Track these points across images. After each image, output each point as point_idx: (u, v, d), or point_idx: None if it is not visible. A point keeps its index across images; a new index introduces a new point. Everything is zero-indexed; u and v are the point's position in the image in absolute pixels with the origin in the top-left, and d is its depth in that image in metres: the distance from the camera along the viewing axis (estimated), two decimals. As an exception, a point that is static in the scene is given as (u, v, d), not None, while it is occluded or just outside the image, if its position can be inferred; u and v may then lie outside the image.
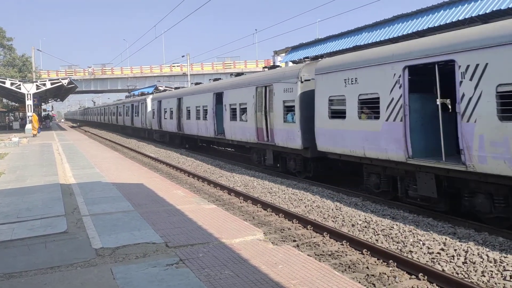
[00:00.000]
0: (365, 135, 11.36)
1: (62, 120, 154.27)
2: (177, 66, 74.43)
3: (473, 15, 15.73)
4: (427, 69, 10.16)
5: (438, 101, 10.06)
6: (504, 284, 6.39)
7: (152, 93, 39.41)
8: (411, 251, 7.82)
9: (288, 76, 15.12)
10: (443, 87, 9.61)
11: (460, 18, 16.49)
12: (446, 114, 9.99)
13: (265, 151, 17.49)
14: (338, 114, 12.50)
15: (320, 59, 14.67)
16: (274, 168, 17.26)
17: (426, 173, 9.87)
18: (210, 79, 30.53)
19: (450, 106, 12.04)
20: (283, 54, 35.29)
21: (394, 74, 10.29)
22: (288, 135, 15.07)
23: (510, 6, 14.71)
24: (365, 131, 11.39)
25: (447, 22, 17.16)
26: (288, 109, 15.11)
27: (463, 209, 9.44)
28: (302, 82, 14.41)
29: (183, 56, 58.84)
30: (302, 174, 15.49)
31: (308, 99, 14.16)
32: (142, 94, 43.23)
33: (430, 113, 10.32)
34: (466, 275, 6.78)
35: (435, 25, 17.77)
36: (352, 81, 11.84)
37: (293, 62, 29.03)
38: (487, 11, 15.39)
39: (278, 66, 20.76)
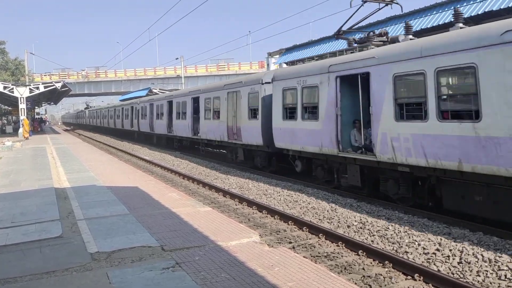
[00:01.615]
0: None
1: (59, 123, 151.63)
2: (171, 68, 74.35)
3: (465, 17, 15.83)
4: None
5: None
6: (499, 283, 6.43)
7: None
8: (406, 252, 7.85)
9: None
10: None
11: (452, 20, 16.62)
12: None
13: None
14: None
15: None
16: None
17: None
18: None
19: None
20: (277, 56, 35.34)
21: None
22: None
23: (502, 7, 14.84)
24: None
25: (440, 23, 17.28)
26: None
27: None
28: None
29: (177, 59, 58.75)
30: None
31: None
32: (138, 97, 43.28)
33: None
34: (462, 275, 6.81)
35: (428, 26, 17.88)
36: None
37: (287, 63, 29.08)
38: (479, 12, 15.51)
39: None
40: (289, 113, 14.64)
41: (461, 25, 9.73)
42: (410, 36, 11.34)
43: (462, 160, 8.68)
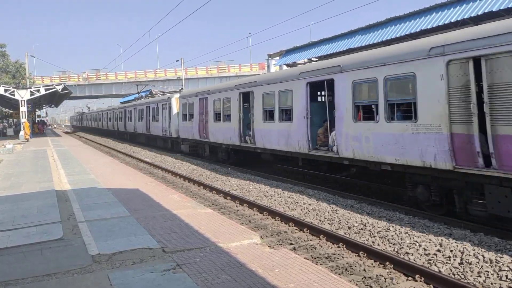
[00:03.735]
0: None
1: (63, 125, 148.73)
2: (171, 70, 74.38)
3: (465, 17, 15.83)
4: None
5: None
6: (500, 284, 6.43)
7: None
8: (407, 253, 7.84)
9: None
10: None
11: (452, 20, 16.60)
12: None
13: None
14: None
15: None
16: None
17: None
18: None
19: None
20: (277, 57, 35.33)
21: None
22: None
23: (501, 8, 14.84)
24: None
25: (440, 24, 17.26)
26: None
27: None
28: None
29: (177, 61, 58.75)
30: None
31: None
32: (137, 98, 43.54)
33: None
34: (463, 276, 6.81)
35: (428, 27, 17.87)
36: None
37: (287, 65, 29.08)
38: (479, 13, 15.49)
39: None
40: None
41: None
42: None
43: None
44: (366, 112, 11.65)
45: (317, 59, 23.92)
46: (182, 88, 38.04)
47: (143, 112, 36.04)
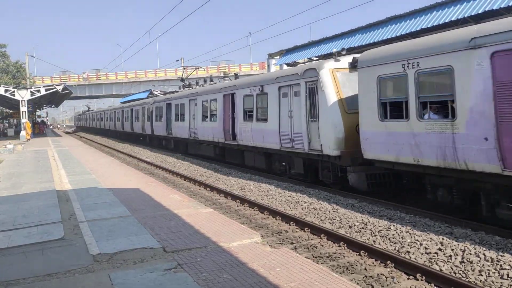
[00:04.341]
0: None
1: (64, 126, 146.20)
2: (172, 70, 74.37)
3: (465, 16, 15.81)
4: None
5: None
6: (501, 282, 6.42)
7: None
8: (408, 252, 7.84)
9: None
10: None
11: (452, 19, 16.58)
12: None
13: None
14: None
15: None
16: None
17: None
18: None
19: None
20: (278, 57, 35.32)
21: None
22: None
23: (502, 6, 14.81)
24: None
25: (440, 23, 17.24)
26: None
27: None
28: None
29: (177, 60, 58.84)
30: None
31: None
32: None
33: None
34: (464, 275, 6.80)
35: (428, 26, 17.85)
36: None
37: (288, 64, 29.04)
38: (480, 12, 15.46)
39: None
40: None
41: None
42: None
43: None
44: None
45: (317, 58, 23.90)
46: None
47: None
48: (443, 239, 8.10)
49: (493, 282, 6.46)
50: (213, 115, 21.52)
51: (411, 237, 8.42)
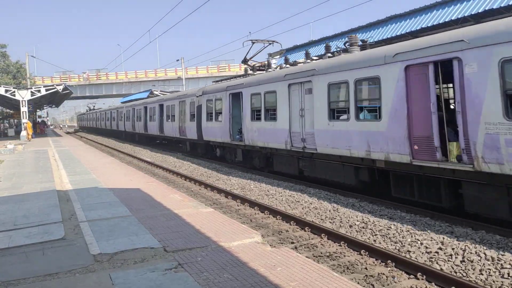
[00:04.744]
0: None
1: (66, 126, 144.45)
2: (172, 70, 74.37)
3: (465, 15, 15.83)
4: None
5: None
6: (502, 282, 6.42)
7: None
8: (409, 251, 7.84)
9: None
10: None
11: (453, 18, 16.59)
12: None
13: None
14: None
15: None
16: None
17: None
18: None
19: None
20: (278, 57, 35.34)
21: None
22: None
23: (502, 6, 14.81)
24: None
25: (440, 22, 17.25)
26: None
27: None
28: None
29: (177, 60, 58.74)
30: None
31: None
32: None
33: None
34: (464, 274, 6.80)
35: (428, 25, 17.86)
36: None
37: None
38: (480, 11, 15.47)
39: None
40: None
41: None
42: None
43: None
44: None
45: (317, 58, 23.92)
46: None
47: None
48: (443, 238, 8.11)
49: (493, 281, 6.46)
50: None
51: (411, 236, 8.42)
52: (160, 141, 38.26)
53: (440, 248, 7.71)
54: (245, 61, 20.17)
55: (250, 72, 19.19)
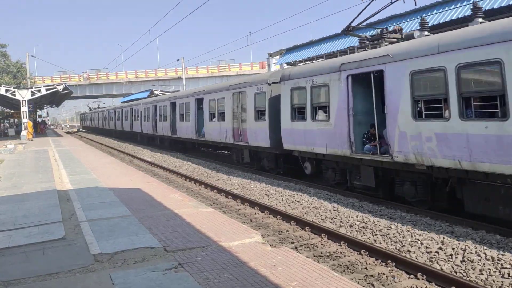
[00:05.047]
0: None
1: (68, 125, 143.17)
2: (172, 70, 74.37)
3: (466, 15, 15.80)
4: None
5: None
6: (502, 281, 6.42)
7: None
8: (409, 251, 7.83)
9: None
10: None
11: (453, 18, 16.58)
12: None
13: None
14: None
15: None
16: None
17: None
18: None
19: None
20: (278, 56, 35.34)
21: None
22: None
23: (502, 5, 14.80)
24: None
25: (440, 22, 17.24)
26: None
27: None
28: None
29: (178, 60, 58.76)
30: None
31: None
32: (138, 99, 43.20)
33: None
34: (465, 274, 6.80)
35: (429, 25, 17.83)
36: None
37: (288, 64, 29.00)
38: (502, 5, 15.36)
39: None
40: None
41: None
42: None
43: None
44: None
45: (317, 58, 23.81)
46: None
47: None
48: (443, 238, 8.10)
49: (493, 281, 6.46)
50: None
51: (411, 236, 8.42)
52: (198, 146, 29.35)
53: (440, 248, 7.70)
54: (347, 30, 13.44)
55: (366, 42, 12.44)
